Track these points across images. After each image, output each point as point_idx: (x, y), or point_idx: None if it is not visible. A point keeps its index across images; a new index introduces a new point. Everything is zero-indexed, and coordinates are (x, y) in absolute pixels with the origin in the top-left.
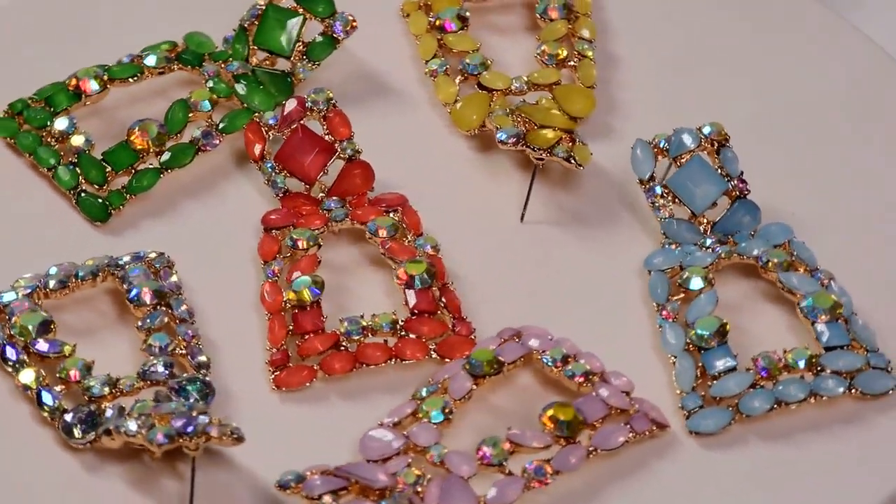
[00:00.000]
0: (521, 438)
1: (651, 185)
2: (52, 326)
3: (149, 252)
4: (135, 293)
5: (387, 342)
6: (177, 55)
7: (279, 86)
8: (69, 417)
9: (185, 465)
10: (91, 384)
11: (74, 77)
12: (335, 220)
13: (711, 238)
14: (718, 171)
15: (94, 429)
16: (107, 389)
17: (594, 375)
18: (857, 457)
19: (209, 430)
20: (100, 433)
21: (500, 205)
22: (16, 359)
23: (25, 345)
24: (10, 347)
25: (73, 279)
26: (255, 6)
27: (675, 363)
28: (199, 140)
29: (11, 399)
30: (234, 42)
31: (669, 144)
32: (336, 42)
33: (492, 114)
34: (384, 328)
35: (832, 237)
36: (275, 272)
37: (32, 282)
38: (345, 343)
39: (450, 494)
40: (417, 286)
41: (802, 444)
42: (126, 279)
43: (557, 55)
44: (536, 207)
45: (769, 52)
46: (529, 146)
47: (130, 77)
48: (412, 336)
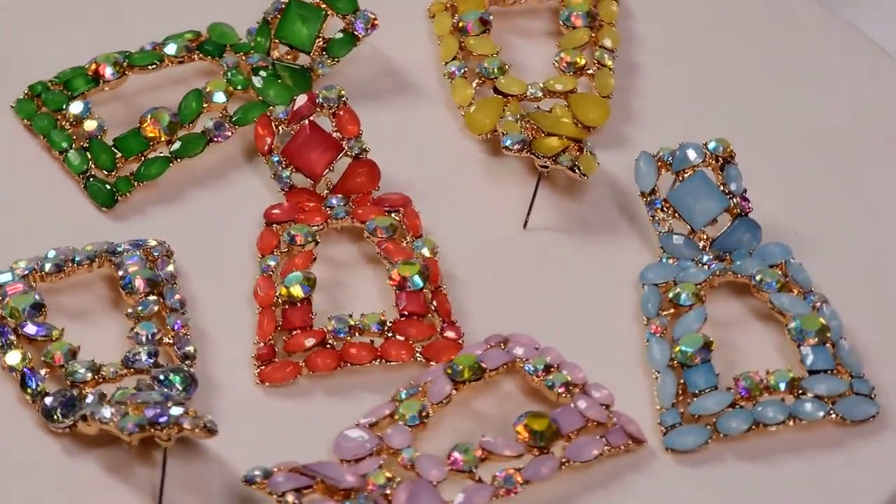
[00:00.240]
0: (493, 446)
1: (652, 199)
2: (43, 310)
3: (149, 240)
4: (127, 280)
5: (373, 342)
6: (199, 45)
7: (298, 80)
8: (49, 401)
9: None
10: (74, 369)
11: (94, 62)
12: (335, 218)
13: (709, 255)
14: (721, 188)
15: (73, 413)
16: (89, 375)
17: (575, 387)
18: (835, 481)
19: (182, 422)
20: (76, 418)
21: (507, 210)
22: (4, 340)
23: (15, 326)
24: (0, 328)
25: (70, 263)
26: (279, 0)
27: (658, 378)
28: (211, 131)
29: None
30: (257, 35)
31: (673, 158)
32: (356, 39)
33: (502, 118)
34: (372, 328)
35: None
36: (270, 267)
37: (31, 264)
38: (331, 341)
39: (417, 498)
40: (408, 288)
41: (780, 466)
42: (121, 266)
43: (575, 63)
44: (542, 214)
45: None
46: (534, 153)
47: (149, 64)
48: (399, 338)
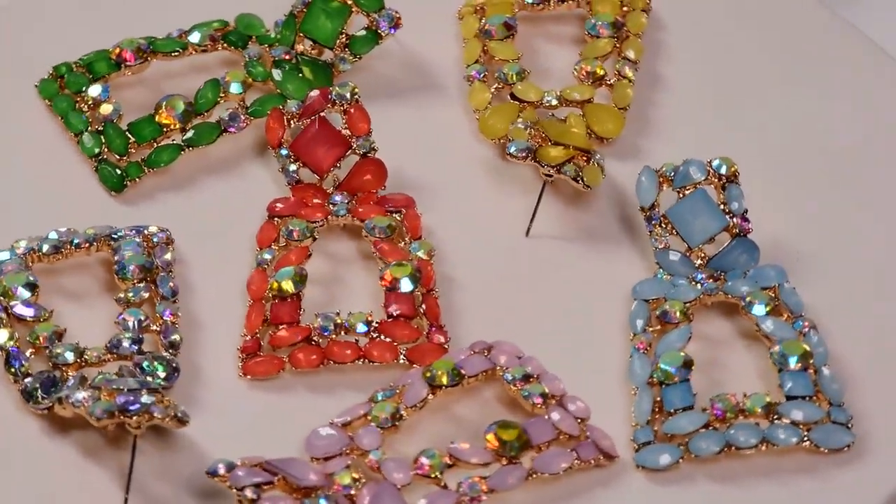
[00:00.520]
0: (461, 453)
1: (651, 214)
2: (36, 290)
3: (150, 227)
4: (121, 266)
5: (358, 342)
6: (224, 35)
7: (319, 75)
8: (29, 381)
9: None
10: (58, 351)
11: (118, 46)
12: (336, 215)
13: (704, 273)
14: (721, 207)
15: (52, 395)
16: (72, 358)
17: (551, 398)
18: None
19: (152, 411)
20: (53, 400)
21: (512, 216)
22: None
23: (6, 305)
24: None
25: (68, 246)
26: None
27: (636, 394)
28: (226, 122)
29: None
30: (283, 28)
31: (676, 174)
32: (379, 37)
33: (513, 125)
34: (358, 328)
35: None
36: (266, 260)
37: (30, 244)
38: (316, 338)
39: (379, 501)
40: (399, 289)
41: (751, 489)
42: (118, 251)
43: (595, 73)
44: (546, 222)
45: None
46: (538, 162)
47: (172, 52)
48: (384, 339)
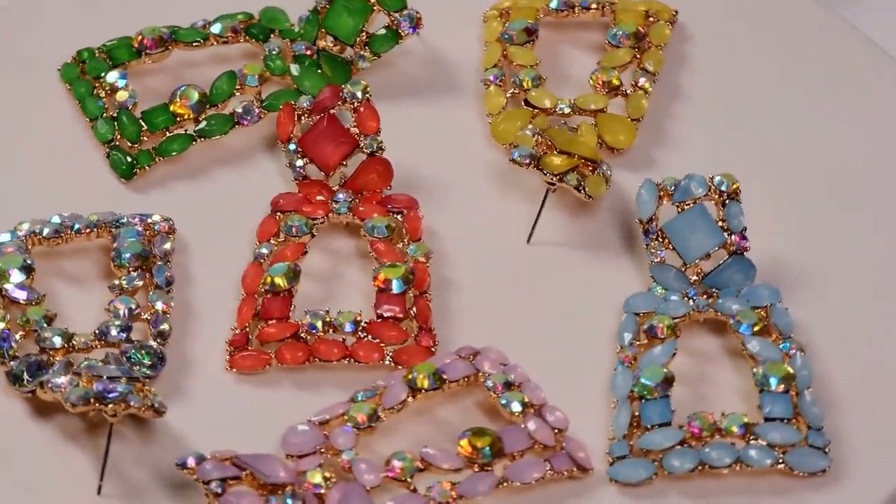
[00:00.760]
0: (432, 458)
1: (649, 227)
2: (32, 273)
3: (154, 215)
4: (117, 253)
5: (345, 341)
6: (247, 27)
7: (337, 72)
8: (15, 364)
9: (125, 427)
10: (46, 335)
11: (140, 34)
12: (337, 213)
13: (698, 289)
14: (719, 224)
15: (36, 379)
16: (59, 342)
17: (530, 407)
18: None
19: (129, 400)
20: (36, 384)
21: (516, 221)
22: None
23: (1, 287)
24: None
25: (69, 231)
26: None
27: (615, 407)
28: (240, 114)
29: None
30: (306, 23)
31: (676, 188)
32: (399, 37)
33: (521, 131)
34: (346, 327)
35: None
36: (263, 254)
37: (33, 227)
38: (304, 335)
39: (347, 501)
40: (389, 290)
41: None
42: (117, 238)
43: (610, 83)
44: (550, 230)
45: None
46: (541, 169)
47: (193, 42)
48: (371, 339)
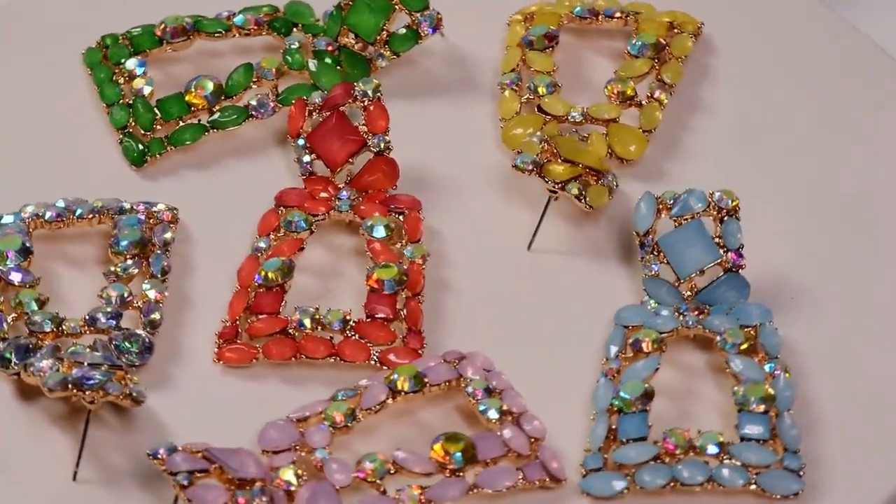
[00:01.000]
0: (403, 461)
1: (645, 240)
2: (29, 256)
3: (158, 204)
4: (116, 240)
5: (332, 339)
6: (271, 20)
7: (356, 69)
8: (2, 345)
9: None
10: (36, 319)
11: (163, 22)
12: (339, 210)
13: (690, 305)
14: (716, 240)
15: (23, 361)
16: (48, 327)
17: (508, 415)
18: None
19: (107, 388)
20: (21, 366)
21: (520, 228)
22: None
23: None
24: None
25: (71, 215)
26: None
27: (594, 420)
28: (254, 107)
29: None
30: (329, 19)
31: (675, 203)
32: (419, 37)
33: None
34: (334, 325)
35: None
36: (260, 248)
37: (37, 210)
38: (292, 331)
39: (315, 500)
40: (380, 291)
41: None
42: (117, 225)
43: (625, 93)
44: (551, 238)
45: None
46: (542, 177)
47: (215, 32)
48: (358, 338)
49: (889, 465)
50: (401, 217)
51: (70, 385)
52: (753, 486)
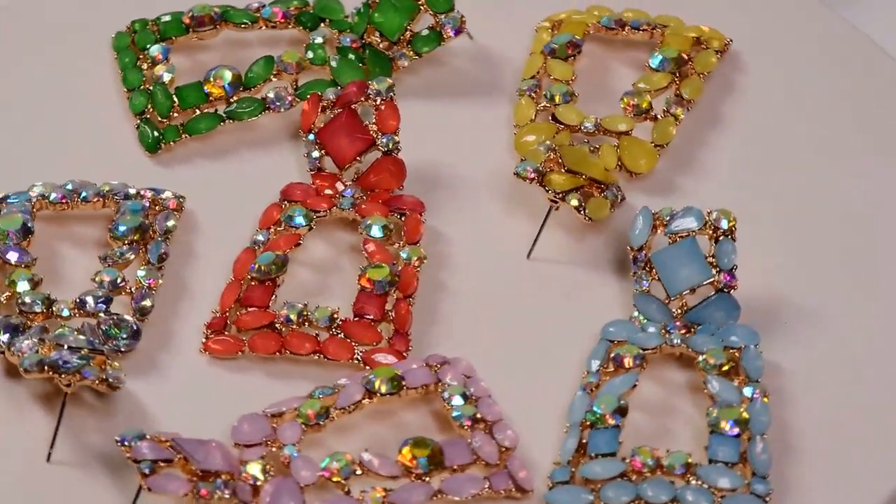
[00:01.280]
0: (369, 464)
1: (638, 256)
2: (29, 236)
3: (165, 191)
4: (115, 225)
5: (318, 336)
6: (298, 14)
7: (378, 67)
8: None
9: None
10: (26, 300)
11: (191, 11)
12: (341, 208)
13: (677, 324)
14: (709, 260)
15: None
16: (38, 308)
17: (481, 422)
18: None
19: (84, 372)
20: (4, 345)
21: (524, 235)
22: None
23: None
24: None
25: (76, 197)
26: None
27: (566, 432)
28: (271, 100)
29: None
30: (357, 15)
31: (671, 219)
32: (442, 39)
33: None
34: (321, 321)
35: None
36: (258, 241)
37: (45, 190)
38: (279, 326)
39: (278, 497)
40: (371, 291)
41: None
42: (120, 209)
43: (639, 106)
44: (552, 248)
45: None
46: (543, 186)
47: (241, 23)
48: (343, 337)
49: (865, 493)
50: (402, 218)
51: (46, 367)
52: None
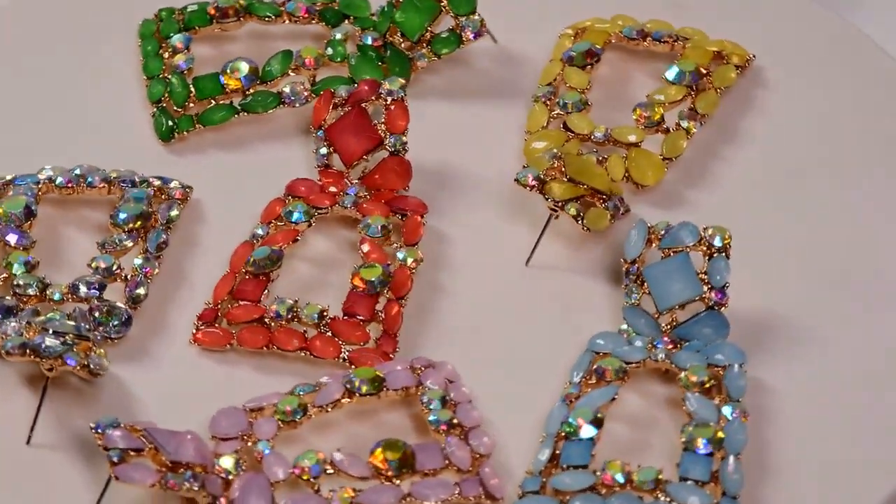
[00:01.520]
0: (339, 463)
1: (631, 268)
2: (32, 218)
3: (173, 181)
4: (116, 212)
5: (306, 333)
6: (322, 10)
7: (397, 66)
8: None
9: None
10: (20, 282)
11: (216, 1)
12: (342, 206)
13: (664, 339)
14: (701, 276)
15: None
16: (32, 291)
17: (457, 427)
18: None
19: (66, 358)
20: None
21: (526, 241)
22: None
23: None
24: None
25: (82, 182)
26: None
27: (542, 442)
28: (287, 94)
29: None
30: (381, 14)
31: (666, 234)
32: (461, 42)
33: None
34: (310, 318)
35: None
36: (257, 235)
37: (55, 173)
38: (268, 321)
39: (247, 492)
40: (362, 290)
41: None
42: (124, 196)
43: (650, 118)
44: (552, 256)
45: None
46: (543, 193)
47: (265, 16)
48: (330, 335)
49: None
50: (403, 219)
51: (29, 351)
52: None
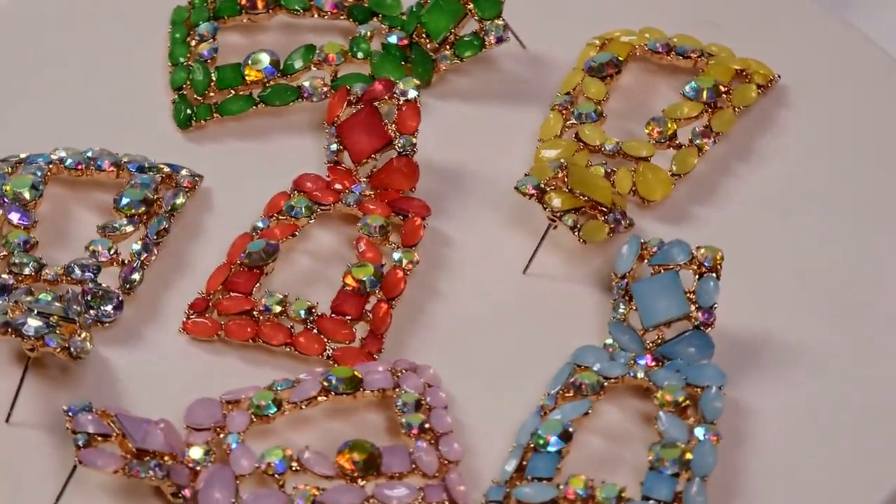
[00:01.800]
0: (305, 461)
1: (620, 283)
2: (37, 199)
3: (183, 169)
4: (120, 197)
5: (293, 328)
6: (351, 6)
7: (420, 67)
8: None
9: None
10: (16, 260)
11: None
12: (345, 203)
13: (647, 356)
14: (689, 295)
15: None
16: (28, 270)
17: (428, 432)
18: None
19: (47, 339)
20: None
21: (526, 249)
22: None
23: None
24: None
25: (92, 165)
26: None
27: (511, 451)
28: (306, 88)
29: None
30: (409, 14)
31: (658, 251)
32: (484, 45)
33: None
34: (297, 314)
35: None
36: (257, 227)
37: (67, 155)
38: (257, 314)
39: (211, 484)
40: (351, 289)
41: None
42: (130, 181)
43: (663, 133)
44: (550, 265)
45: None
46: (542, 203)
47: (294, 10)
48: (316, 332)
49: None
50: (403, 220)
51: (10, 330)
52: None
